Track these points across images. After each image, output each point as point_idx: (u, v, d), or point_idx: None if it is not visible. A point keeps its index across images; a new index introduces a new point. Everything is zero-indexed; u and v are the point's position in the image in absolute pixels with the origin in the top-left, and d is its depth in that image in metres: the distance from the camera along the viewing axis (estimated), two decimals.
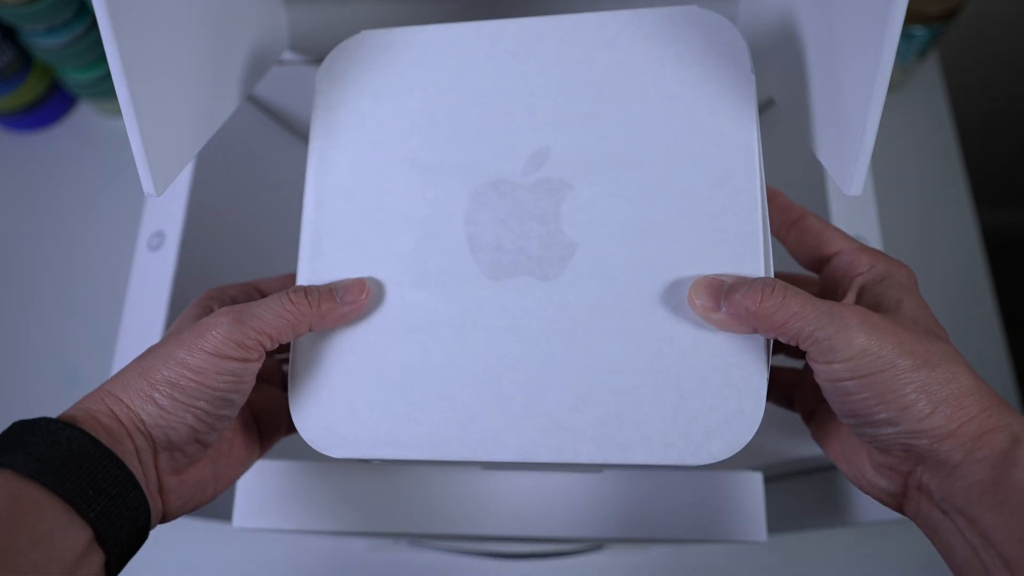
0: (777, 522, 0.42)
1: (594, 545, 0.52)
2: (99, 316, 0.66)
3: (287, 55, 0.43)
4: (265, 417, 0.35)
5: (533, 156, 0.32)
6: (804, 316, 0.25)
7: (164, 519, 0.29)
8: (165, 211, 0.44)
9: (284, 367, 0.38)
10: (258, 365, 0.29)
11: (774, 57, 0.35)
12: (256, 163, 0.53)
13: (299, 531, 0.39)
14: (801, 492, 0.42)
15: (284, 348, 0.34)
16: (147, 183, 0.29)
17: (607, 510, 0.38)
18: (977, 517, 0.24)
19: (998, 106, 0.90)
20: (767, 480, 0.41)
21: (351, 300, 0.30)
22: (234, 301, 0.33)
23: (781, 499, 0.43)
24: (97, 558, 0.25)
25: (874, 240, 0.43)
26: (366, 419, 0.30)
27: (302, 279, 0.33)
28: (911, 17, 0.59)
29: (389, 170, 0.33)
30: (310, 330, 0.30)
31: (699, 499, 0.38)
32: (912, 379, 0.25)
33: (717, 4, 0.42)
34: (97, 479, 0.25)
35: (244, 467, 0.33)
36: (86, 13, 0.62)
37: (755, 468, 0.39)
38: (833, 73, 0.29)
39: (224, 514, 0.40)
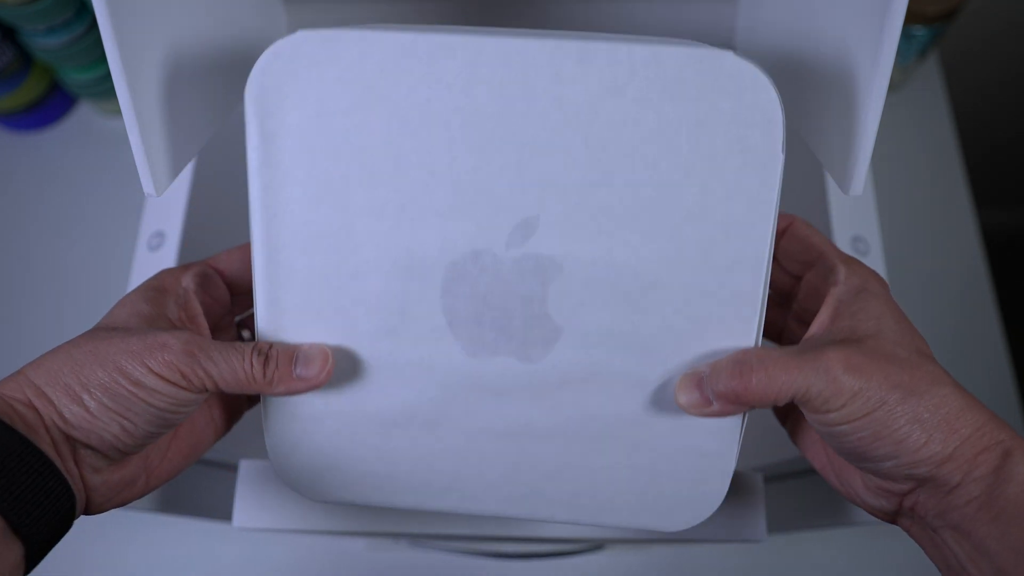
0: (777, 522, 0.42)
1: (594, 545, 0.52)
2: (99, 316, 0.66)
3: None
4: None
5: (519, 226, 0.28)
6: (793, 381, 0.26)
7: (89, 511, 0.28)
8: (165, 211, 0.44)
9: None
10: (202, 398, 0.28)
11: (773, 56, 0.35)
12: None
13: (299, 531, 0.39)
14: (801, 492, 0.42)
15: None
16: (147, 183, 0.29)
17: None
18: (972, 532, 0.24)
19: (998, 106, 0.90)
20: (767, 480, 0.41)
21: (308, 376, 0.29)
22: (187, 295, 0.31)
23: (781, 499, 0.43)
24: (14, 548, 0.24)
25: (874, 240, 0.43)
26: (348, 471, 0.31)
27: (263, 329, 0.30)
28: (911, 17, 0.59)
29: (351, 223, 0.29)
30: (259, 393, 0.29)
31: None
32: (903, 411, 0.25)
33: (716, 4, 0.43)
34: (7, 467, 0.24)
35: (201, 448, 0.32)
36: (86, 13, 0.62)
37: (755, 468, 0.39)
38: (833, 73, 0.29)
39: (224, 514, 0.40)
